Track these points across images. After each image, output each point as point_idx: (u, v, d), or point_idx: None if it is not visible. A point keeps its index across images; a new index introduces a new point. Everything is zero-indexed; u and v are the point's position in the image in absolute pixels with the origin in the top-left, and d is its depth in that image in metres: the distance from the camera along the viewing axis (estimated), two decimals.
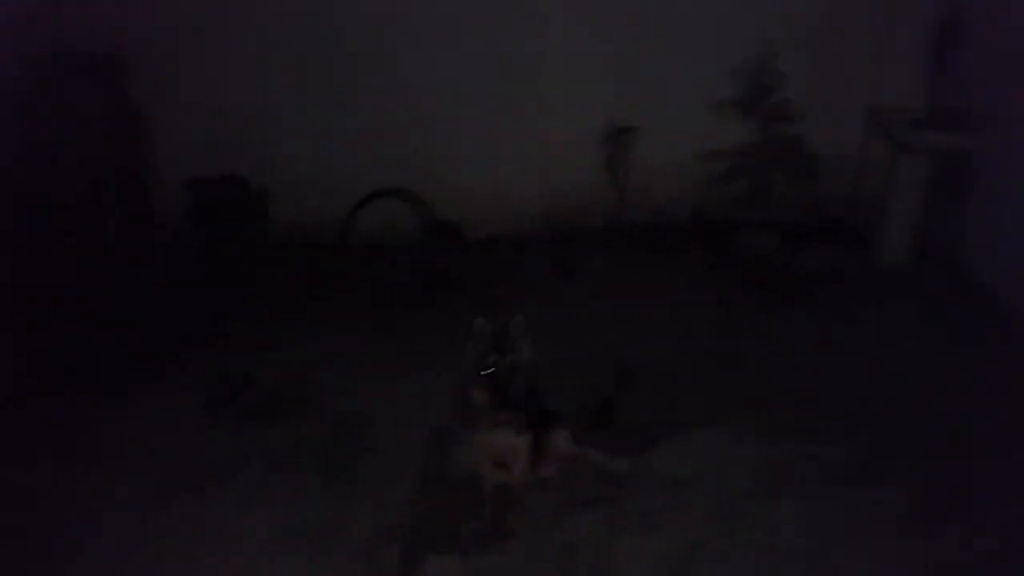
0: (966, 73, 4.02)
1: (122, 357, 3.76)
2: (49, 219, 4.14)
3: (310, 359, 3.73)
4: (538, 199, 4.86)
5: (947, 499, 2.69)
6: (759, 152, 4.54)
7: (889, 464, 2.86)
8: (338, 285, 4.42)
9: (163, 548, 2.69)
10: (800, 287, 4.10)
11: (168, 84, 4.53)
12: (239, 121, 4.62)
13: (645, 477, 2.86)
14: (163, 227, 4.73)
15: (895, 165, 4.19)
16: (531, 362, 2.61)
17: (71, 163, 4.20)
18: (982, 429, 3.01)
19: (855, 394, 3.26)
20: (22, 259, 4.04)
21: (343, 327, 4.01)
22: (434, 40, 4.53)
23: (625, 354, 3.60)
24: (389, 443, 3.13)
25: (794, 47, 4.41)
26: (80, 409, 3.39)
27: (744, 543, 2.57)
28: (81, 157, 4.22)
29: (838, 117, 4.57)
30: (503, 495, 2.76)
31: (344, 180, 4.69)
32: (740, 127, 4.53)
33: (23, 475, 3.01)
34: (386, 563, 2.57)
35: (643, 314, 3.97)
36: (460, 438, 2.86)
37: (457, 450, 2.97)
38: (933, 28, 4.21)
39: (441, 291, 4.28)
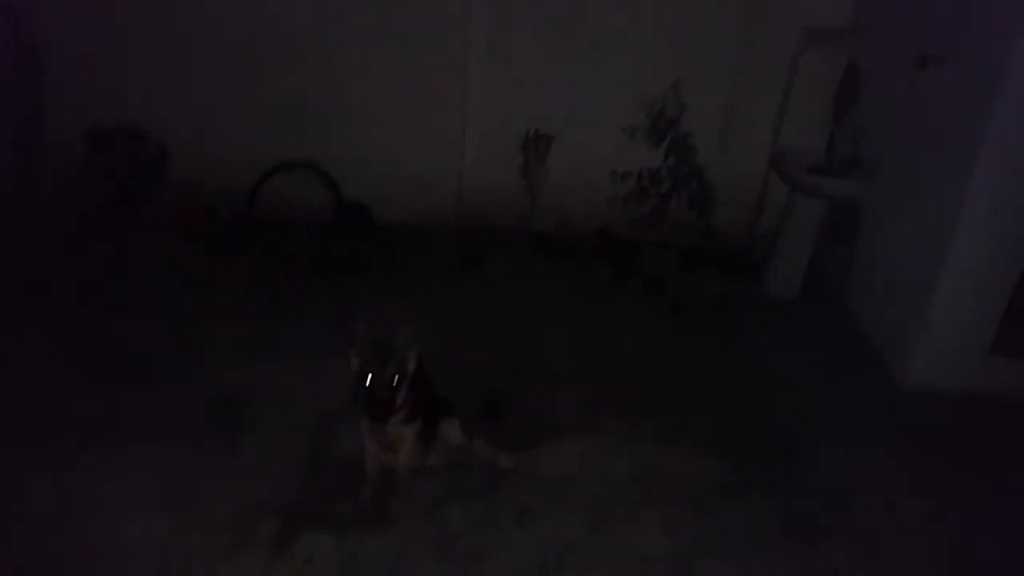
0: (861, 126, 4.30)
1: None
2: None
3: (198, 327, 3.61)
4: (450, 192, 4.86)
5: (809, 521, 2.85)
6: (664, 178, 4.73)
7: (755, 482, 3.00)
8: (237, 254, 4.29)
9: (22, 510, 2.55)
10: (692, 309, 4.26)
11: (71, 22, 4.29)
12: (147, 73, 4.43)
13: (526, 474, 2.91)
14: (55, 175, 4.48)
15: (790, 205, 4.42)
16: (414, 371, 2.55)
17: None
18: (846, 457, 3.21)
19: (728, 414, 3.41)
20: None
21: (237, 297, 3.90)
22: (360, 18, 4.46)
23: (519, 353, 3.65)
24: (272, 419, 3.07)
25: (708, 83, 4.61)
26: None
27: (612, 547, 2.64)
28: None
29: (742, 153, 4.80)
30: (386, 478, 2.75)
31: (252, 147, 4.55)
32: (649, 152, 4.70)
33: None
34: (256, 536, 2.51)
35: (541, 316, 4.04)
36: (349, 418, 2.83)
37: (344, 430, 2.94)
38: (836, 81, 4.49)
39: (344, 272, 4.23)
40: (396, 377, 2.46)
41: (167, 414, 3.04)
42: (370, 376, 2.44)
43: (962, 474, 3.19)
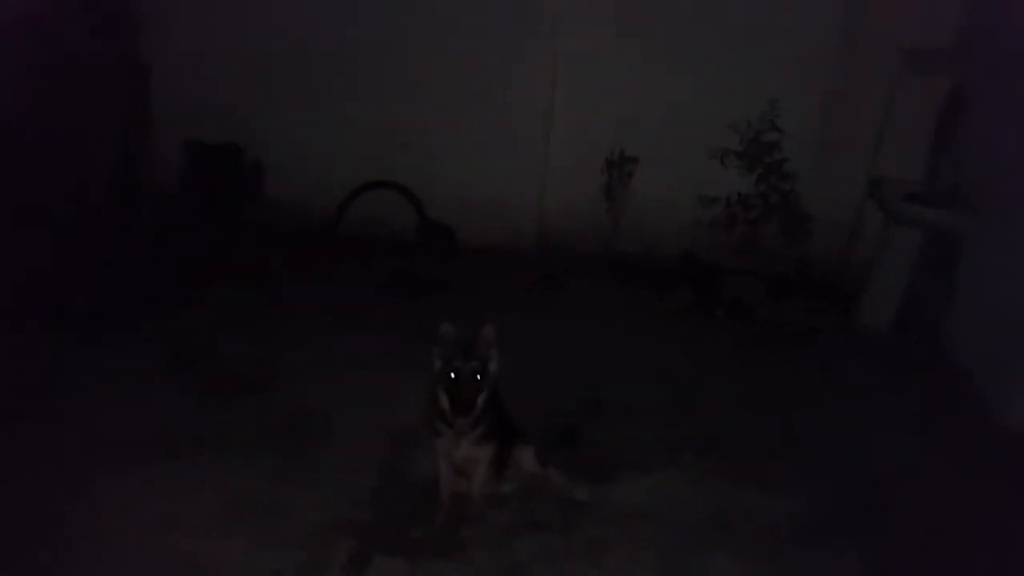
0: (965, 154, 4.08)
1: (91, 304, 3.73)
2: (40, 172, 4.05)
3: (281, 340, 3.69)
4: (532, 215, 4.86)
5: (892, 571, 2.70)
6: (754, 204, 4.60)
7: (838, 527, 2.86)
8: (322, 270, 4.39)
9: (102, 513, 2.64)
10: (778, 339, 4.13)
11: (180, 44, 4.50)
12: (245, 94, 4.60)
13: (600, 507, 2.86)
14: (155, 185, 4.68)
15: (887, 235, 4.24)
16: (496, 372, 2.58)
17: (70, 117, 4.09)
18: (936, 503, 3.03)
19: (814, 452, 3.27)
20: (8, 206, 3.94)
21: (320, 313, 3.98)
22: (446, 42, 4.53)
23: (597, 380, 3.60)
24: (349, 436, 3.11)
25: (802, 108, 4.47)
26: (41, 356, 3.38)
27: None
28: (78, 110, 4.12)
29: (837, 181, 4.63)
30: (459, 504, 2.75)
31: (341, 167, 4.67)
32: (739, 177, 4.58)
33: None
34: (331, 557, 2.54)
35: (620, 342, 3.98)
36: (424, 441, 2.85)
37: (419, 453, 2.96)
38: (938, 106, 4.28)
39: (425, 291, 4.26)
40: (479, 374, 2.50)
41: (248, 426, 3.11)
42: (454, 372, 2.47)
43: None
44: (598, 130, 4.66)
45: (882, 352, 4.12)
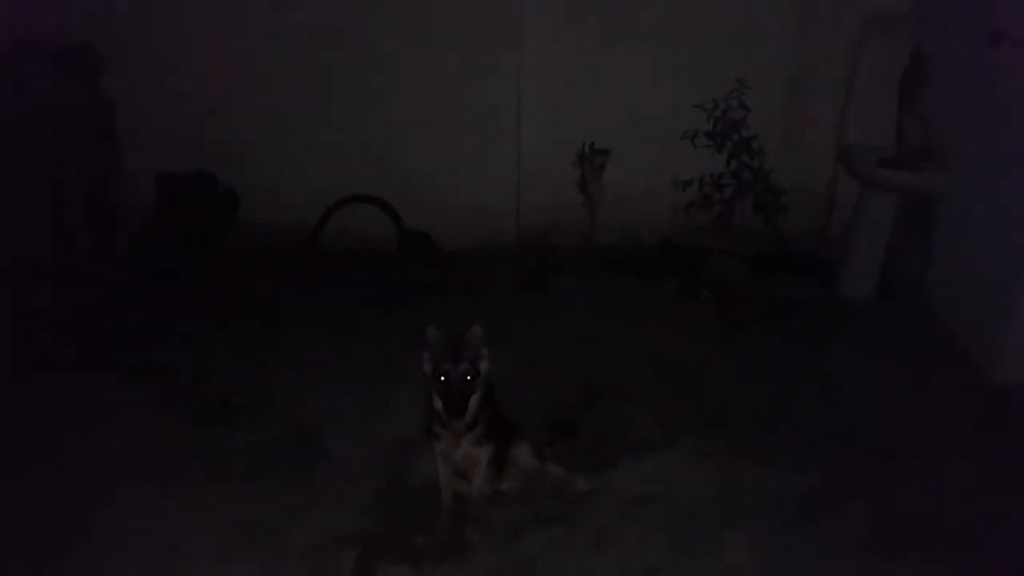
0: (933, 114, 4.12)
1: (81, 348, 3.69)
2: (10, 213, 3.99)
3: (271, 361, 3.67)
4: (510, 215, 4.85)
5: (900, 534, 2.71)
6: (727, 183, 4.62)
7: (842, 496, 2.87)
8: (306, 288, 4.36)
9: (105, 544, 2.61)
10: (764, 316, 4.13)
11: (141, 78, 4.45)
12: (212, 120, 4.55)
13: (602, 496, 2.85)
14: (128, 221, 4.64)
15: (862, 202, 4.26)
16: (487, 371, 2.56)
17: (35, 158, 4.05)
18: (934, 464, 3.04)
19: (811, 424, 3.28)
20: None
21: (306, 331, 3.95)
22: (411, 51, 4.51)
23: (590, 371, 3.59)
24: (346, 449, 3.09)
25: (767, 83, 4.49)
26: (36, 396, 3.38)
27: (697, 568, 2.56)
28: (46, 151, 4.08)
29: (808, 153, 4.66)
30: (461, 506, 2.73)
31: (315, 185, 4.64)
32: (711, 157, 4.59)
33: None
34: (336, 569, 2.51)
35: (609, 333, 3.97)
36: (422, 447, 2.83)
37: (418, 459, 2.94)
38: (902, 69, 4.32)
39: (410, 300, 4.24)
40: (470, 375, 2.48)
41: (244, 449, 3.09)
42: (444, 375, 2.46)
43: None
44: (568, 125, 4.64)
45: (867, 320, 4.14)
